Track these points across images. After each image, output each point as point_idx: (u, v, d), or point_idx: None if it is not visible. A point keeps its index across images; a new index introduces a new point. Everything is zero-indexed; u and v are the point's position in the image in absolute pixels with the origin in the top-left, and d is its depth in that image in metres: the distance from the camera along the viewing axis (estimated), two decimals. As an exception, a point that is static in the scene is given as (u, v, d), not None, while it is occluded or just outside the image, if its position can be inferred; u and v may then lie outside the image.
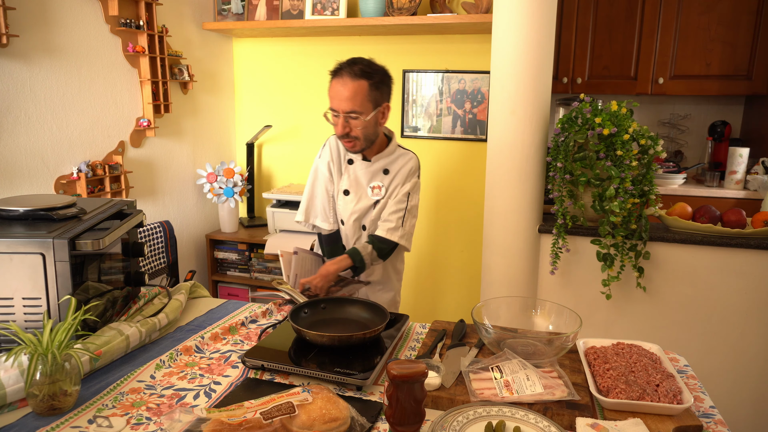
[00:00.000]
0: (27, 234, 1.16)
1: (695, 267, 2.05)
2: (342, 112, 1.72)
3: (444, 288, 3.24)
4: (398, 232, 1.85)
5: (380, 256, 1.86)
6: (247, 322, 1.51)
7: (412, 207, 1.90)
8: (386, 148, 1.89)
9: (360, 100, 1.71)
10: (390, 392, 0.93)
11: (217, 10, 3.11)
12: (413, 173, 1.92)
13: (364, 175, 1.90)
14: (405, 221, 1.87)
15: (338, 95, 1.71)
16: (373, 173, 1.90)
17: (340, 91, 1.71)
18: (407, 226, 1.88)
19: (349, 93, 1.70)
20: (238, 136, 3.44)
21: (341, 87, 1.71)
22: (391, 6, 2.80)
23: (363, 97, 1.71)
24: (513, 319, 1.39)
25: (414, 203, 1.91)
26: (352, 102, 1.70)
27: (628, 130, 1.93)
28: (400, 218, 1.86)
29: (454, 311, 3.21)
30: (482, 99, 2.96)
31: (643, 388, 1.07)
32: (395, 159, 1.90)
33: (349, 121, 1.73)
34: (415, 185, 1.92)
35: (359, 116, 1.72)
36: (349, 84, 1.70)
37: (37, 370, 1.01)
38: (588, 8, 3.27)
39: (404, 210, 1.87)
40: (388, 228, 1.85)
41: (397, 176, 1.89)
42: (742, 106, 3.47)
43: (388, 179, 1.90)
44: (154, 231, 2.50)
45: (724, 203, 2.98)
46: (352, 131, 1.75)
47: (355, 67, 1.72)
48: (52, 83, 2.18)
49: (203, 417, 0.92)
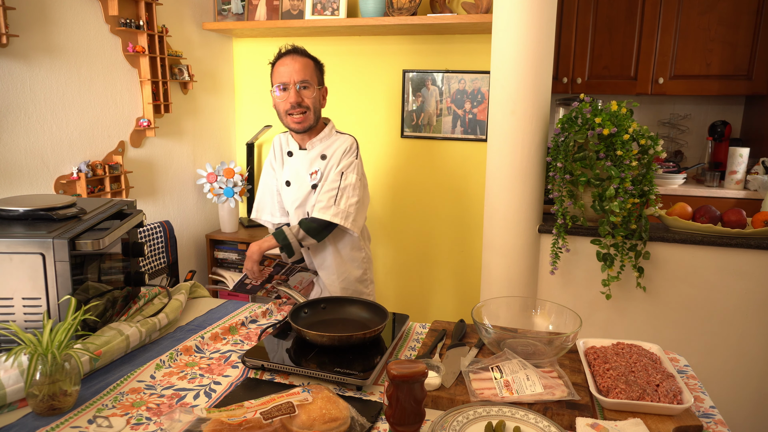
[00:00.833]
0: (27, 234, 1.16)
1: (695, 267, 2.05)
2: (295, 82, 1.82)
3: (444, 288, 3.24)
4: (330, 211, 1.84)
5: (311, 235, 1.85)
6: (247, 322, 1.51)
7: (347, 186, 1.87)
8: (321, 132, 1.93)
9: (310, 72, 1.85)
10: (390, 392, 0.93)
11: (217, 10, 3.11)
12: (348, 153, 1.91)
13: (303, 164, 1.94)
14: (339, 200, 1.85)
15: (290, 68, 1.83)
16: (311, 160, 1.93)
17: (291, 64, 1.83)
18: (343, 204, 1.85)
19: (300, 66, 1.83)
20: (238, 136, 3.44)
21: (292, 61, 1.83)
22: (391, 6, 2.80)
23: (312, 70, 1.86)
24: (513, 319, 1.39)
25: (350, 182, 1.88)
26: (303, 72, 1.83)
27: (628, 130, 1.93)
28: (332, 197, 1.85)
29: (455, 311, 3.21)
30: (482, 99, 2.96)
31: (643, 388, 1.07)
32: (332, 143, 1.93)
33: (300, 91, 1.83)
34: (351, 165, 1.90)
35: (309, 86, 1.84)
36: (299, 59, 1.85)
37: (37, 370, 1.01)
38: (588, 8, 3.27)
39: (337, 189, 1.86)
40: (319, 207, 1.85)
41: (332, 158, 1.91)
42: (742, 106, 3.47)
43: (324, 163, 1.92)
44: (154, 231, 2.50)
45: (724, 203, 2.98)
46: (303, 101, 1.83)
47: (300, 49, 1.89)
48: (51, 83, 2.18)
49: (203, 417, 0.92)
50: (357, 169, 1.91)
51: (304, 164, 1.94)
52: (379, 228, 3.27)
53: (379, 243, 3.29)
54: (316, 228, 1.85)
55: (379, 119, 3.16)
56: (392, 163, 3.18)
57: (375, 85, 3.12)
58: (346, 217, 1.86)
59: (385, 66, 3.09)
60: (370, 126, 3.18)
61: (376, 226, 3.28)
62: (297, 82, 1.82)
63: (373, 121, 3.17)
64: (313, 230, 1.85)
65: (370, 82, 3.13)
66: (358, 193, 1.89)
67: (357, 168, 1.91)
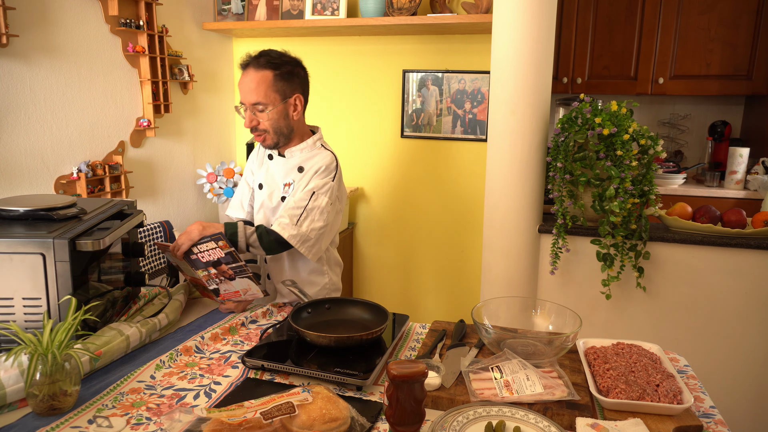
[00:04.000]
0: (27, 234, 1.16)
1: (695, 267, 2.05)
2: (248, 104, 1.68)
3: (444, 288, 3.24)
4: (290, 230, 1.63)
5: (263, 245, 1.64)
6: (247, 323, 1.51)
7: (315, 208, 1.67)
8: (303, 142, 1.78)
9: (264, 90, 1.65)
10: (390, 392, 0.93)
11: (217, 10, 3.11)
12: (324, 172, 1.73)
13: (279, 172, 1.81)
14: (302, 221, 1.66)
15: (243, 87, 1.68)
16: (287, 170, 1.79)
17: (245, 83, 1.67)
18: (305, 227, 1.65)
19: (253, 84, 1.65)
20: (238, 136, 3.44)
21: (246, 78, 1.67)
22: (391, 6, 2.80)
23: (267, 87, 1.66)
24: (513, 319, 1.39)
25: (319, 204, 1.68)
26: (255, 93, 1.65)
27: (628, 130, 1.93)
28: (296, 216, 1.65)
29: (455, 311, 3.21)
30: (482, 99, 2.96)
31: (643, 388, 1.07)
32: (311, 156, 1.77)
33: (255, 114, 1.68)
34: (325, 186, 1.70)
35: (265, 108, 1.67)
36: (252, 74, 1.66)
37: (37, 370, 1.01)
38: (588, 8, 3.27)
39: (303, 208, 1.66)
40: (280, 222, 1.65)
41: (307, 174, 1.75)
42: (742, 106, 3.47)
43: (299, 176, 1.76)
44: (154, 231, 2.50)
45: (724, 203, 2.98)
46: (259, 124, 1.69)
47: (261, 59, 1.67)
48: (52, 83, 2.18)
49: (203, 417, 0.92)
50: (331, 192, 1.71)
51: (280, 172, 1.80)
52: (378, 228, 3.27)
53: (379, 243, 3.29)
54: (270, 241, 1.64)
55: (379, 119, 3.16)
56: (392, 163, 3.18)
57: (375, 85, 3.12)
58: (303, 241, 1.66)
59: (385, 66, 3.09)
60: (370, 126, 3.18)
61: (376, 226, 3.28)
62: (250, 105, 1.67)
63: (373, 121, 3.17)
64: (266, 241, 1.64)
65: (370, 82, 3.13)
66: (326, 218, 1.69)
67: (331, 191, 1.71)
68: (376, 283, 3.35)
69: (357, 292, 3.40)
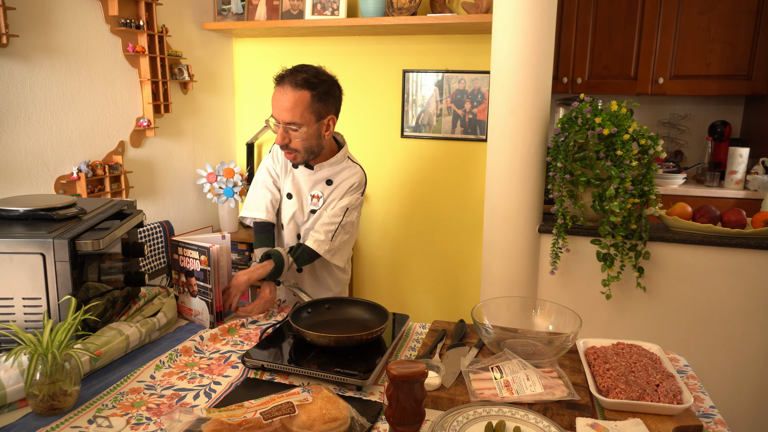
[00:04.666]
0: (27, 234, 1.16)
1: (695, 267, 2.05)
2: (282, 122, 1.63)
3: (444, 288, 3.24)
4: (325, 246, 1.74)
5: (298, 264, 1.75)
6: (247, 323, 1.51)
7: (347, 223, 1.78)
8: (332, 157, 1.78)
9: (300, 111, 1.61)
10: (390, 392, 0.93)
11: (217, 10, 3.11)
12: (355, 189, 1.80)
13: (306, 182, 1.81)
14: (335, 236, 1.76)
15: (279, 104, 1.62)
16: (315, 182, 1.80)
17: (281, 101, 1.61)
18: (337, 241, 1.77)
19: (289, 103, 1.60)
20: (238, 136, 3.44)
21: (282, 96, 1.61)
22: (391, 6, 2.80)
23: (304, 108, 1.61)
24: (513, 319, 1.39)
25: (350, 219, 1.79)
26: (291, 113, 1.60)
27: (628, 130, 1.93)
28: (331, 232, 1.75)
29: (455, 311, 3.21)
30: (482, 99, 2.96)
31: (643, 388, 1.07)
32: (340, 170, 1.79)
33: (288, 132, 1.64)
34: (356, 201, 1.80)
35: (299, 128, 1.62)
36: (290, 94, 1.60)
37: (37, 370, 1.01)
38: (588, 8, 3.27)
39: (337, 224, 1.75)
40: (316, 239, 1.74)
41: (338, 188, 1.79)
42: (742, 106, 3.47)
43: (329, 190, 1.80)
44: (154, 231, 2.50)
45: (724, 203, 2.98)
46: (291, 143, 1.65)
47: (298, 76, 1.62)
48: (51, 83, 2.18)
49: (203, 417, 0.92)
50: (360, 206, 1.84)
51: (307, 183, 1.81)
52: (378, 228, 3.27)
53: (379, 243, 3.29)
54: (306, 259, 1.75)
55: (379, 119, 3.16)
56: (392, 163, 3.18)
57: (375, 85, 3.12)
58: (335, 253, 1.78)
59: (385, 66, 3.09)
60: (370, 126, 3.18)
61: (376, 226, 3.28)
62: (284, 123, 1.63)
63: (373, 121, 3.17)
64: (302, 261, 1.75)
65: (370, 82, 3.13)
66: (351, 231, 1.82)
67: (361, 205, 1.84)
68: (376, 283, 3.35)
69: (357, 291, 3.40)
